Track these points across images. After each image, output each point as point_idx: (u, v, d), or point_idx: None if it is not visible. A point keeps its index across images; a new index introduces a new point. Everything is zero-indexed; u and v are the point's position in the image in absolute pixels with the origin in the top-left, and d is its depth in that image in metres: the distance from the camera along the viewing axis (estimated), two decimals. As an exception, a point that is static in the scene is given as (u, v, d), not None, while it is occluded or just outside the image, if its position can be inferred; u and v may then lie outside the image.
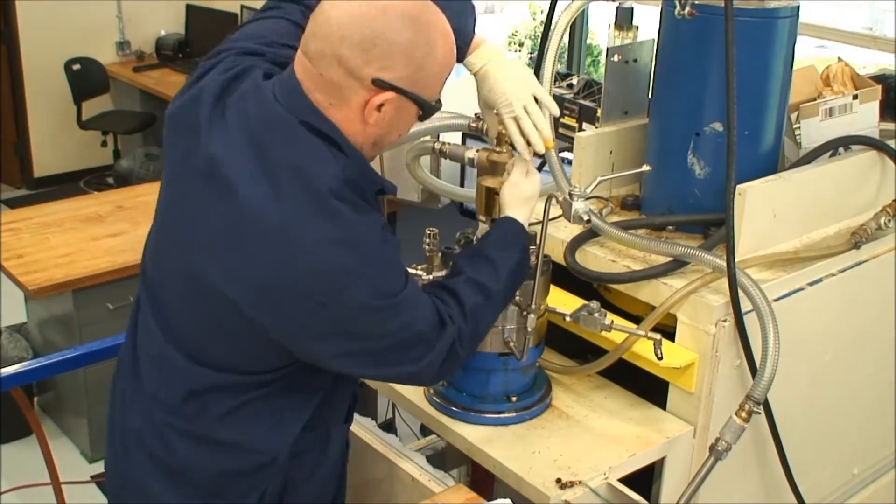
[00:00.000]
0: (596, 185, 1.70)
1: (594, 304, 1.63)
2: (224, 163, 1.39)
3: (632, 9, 2.04)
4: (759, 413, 1.60)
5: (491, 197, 1.59)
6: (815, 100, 2.01)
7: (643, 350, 1.63)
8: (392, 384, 1.78)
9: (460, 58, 1.58)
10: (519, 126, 1.58)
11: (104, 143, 6.04)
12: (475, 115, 1.66)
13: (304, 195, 1.36)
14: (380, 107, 1.41)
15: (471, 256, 1.55)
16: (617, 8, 2.02)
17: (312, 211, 1.35)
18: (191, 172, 1.43)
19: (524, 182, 1.59)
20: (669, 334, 1.66)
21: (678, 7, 1.68)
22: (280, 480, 1.53)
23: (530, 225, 1.59)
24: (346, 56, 1.37)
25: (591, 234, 1.81)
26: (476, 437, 1.64)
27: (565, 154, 2.12)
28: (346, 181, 1.39)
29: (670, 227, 1.83)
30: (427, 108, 1.47)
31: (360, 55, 1.37)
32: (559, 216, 1.72)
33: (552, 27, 1.79)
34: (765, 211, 1.74)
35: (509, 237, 1.55)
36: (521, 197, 1.59)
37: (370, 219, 1.40)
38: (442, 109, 1.53)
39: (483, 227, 1.64)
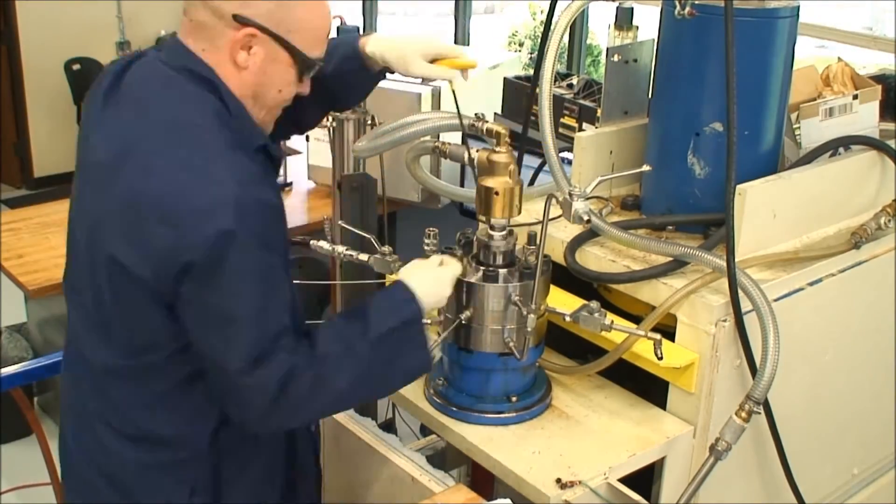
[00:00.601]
0: (596, 185, 1.70)
1: (594, 304, 1.63)
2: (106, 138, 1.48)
3: (632, 9, 2.05)
4: (759, 413, 1.60)
5: (490, 197, 1.59)
6: (815, 100, 2.01)
7: (643, 350, 1.63)
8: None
9: (361, 62, 1.67)
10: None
11: (104, 143, 6.04)
12: (475, 115, 1.67)
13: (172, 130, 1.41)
14: (248, 48, 1.43)
15: (353, 309, 1.55)
16: (617, 8, 2.03)
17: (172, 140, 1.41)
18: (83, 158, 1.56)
19: (434, 266, 1.59)
20: (669, 334, 1.66)
21: (678, 7, 1.67)
22: (208, 476, 1.53)
23: (530, 225, 1.59)
24: None
25: (591, 234, 1.81)
26: (476, 437, 1.64)
27: (565, 154, 2.12)
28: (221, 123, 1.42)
29: (670, 227, 1.83)
30: (299, 57, 1.46)
31: None
32: (559, 216, 1.72)
33: (552, 27, 1.79)
34: (765, 211, 1.74)
35: (392, 304, 1.52)
36: (425, 269, 1.59)
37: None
38: (441, 109, 1.54)
39: (483, 228, 1.64)
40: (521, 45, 9.25)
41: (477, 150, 1.63)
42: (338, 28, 2.94)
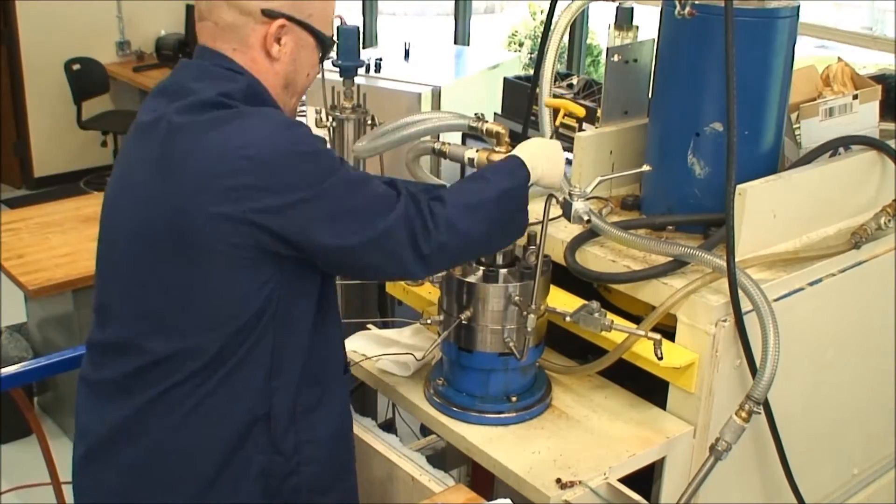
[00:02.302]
0: (596, 185, 1.70)
1: (594, 304, 1.63)
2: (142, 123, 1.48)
3: (632, 9, 2.04)
4: (759, 413, 1.60)
5: None
6: (815, 100, 2.01)
7: (643, 350, 1.63)
8: (392, 386, 1.78)
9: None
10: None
11: (104, 143, 6.04)
12: (475, 114, 1.67)
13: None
14: (279, 39, 1.50)
15: (471, 175, 1.60)
16: (617, 8, 2.02)
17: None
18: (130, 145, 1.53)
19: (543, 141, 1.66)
20: (669, 334, 1.66)
21: (678, 7, 1.68)
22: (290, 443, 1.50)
23: (530, 225, 1.59)
24: None
25: (591, 235, 1.81)
26: (476, 437, 1.64)
27: (565, 154, 2.12)
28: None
29: (670, 227, 1.83)
30: (323, 40, 1.55)
31: None
32: (559, 216, 1.72)
33: (552, 27, 1.79)
34: (765, 211, 1.74)
35: (504, 166, 1.58)
36: (535, 143, 1.63)
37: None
38: (441, 110, 1.55)
39: None
40: (520, 45, 9.26)
41: (477, 150, 1.63)
42: (338, 28, 2.94)
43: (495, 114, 3.31)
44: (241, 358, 1.44)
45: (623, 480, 1.56)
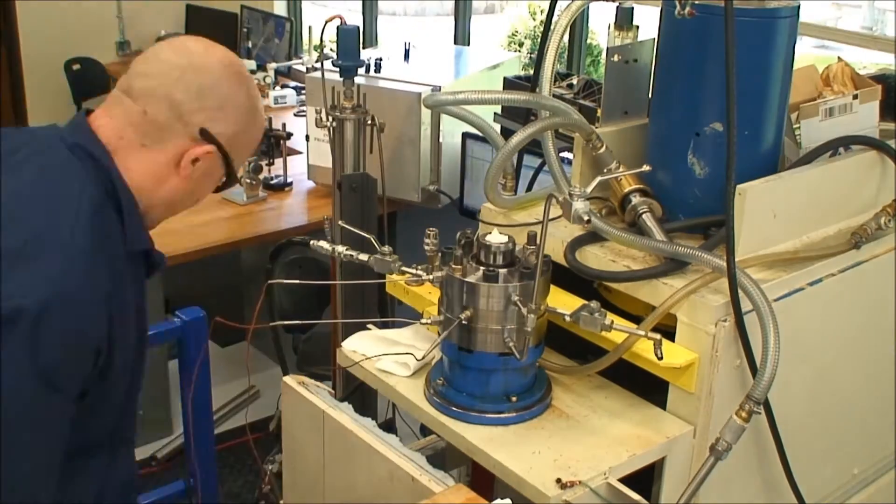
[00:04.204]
0: (596, 185, 1.70)
1: (594, 304, 1.63)
2: None
3: (632, 9, 2.04)
4: (759, 413, 1.60)
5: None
6: (815, 100, 2.01)
7: (643, 350, 1.63)
8: (392, 386, 1.78)
9: None
10: None
11: (104, 143, 6.04)
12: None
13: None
14: (195, 161, 1.43)
15: None
16: (617, 8, 2.02)
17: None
18: None
19: None
20: (669, 334, 1.66)
21: (678, 7, 1.67)
22: None
23: (530, 225, 1.59)
24: (179, 99, 1.40)
25: (592, 237, 1.81)
26: (476, 437, 1.64)
27: (565, 154, 2.12)
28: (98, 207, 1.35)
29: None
30: (231, 179, 1.50)
31: (195, 101, 1.40)
32: (559, 216, 1.72)
33: (552, 27, 1.79)
34: (765, 211, 1.74)
35: None
36: None
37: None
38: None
39: (483, 228, 1.64)
40: (520, 45, 9.26)
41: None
42: (337, 28, 2.94)
43: (495, 114, 3.31)
44: None
45: (623, 480, 1.56)
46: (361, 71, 3.18)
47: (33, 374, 1.27)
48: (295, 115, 5.12)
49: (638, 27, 2.02)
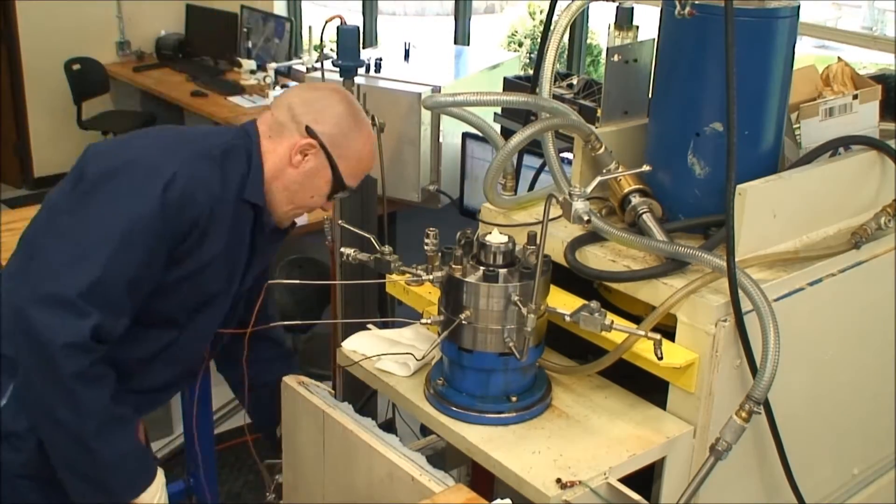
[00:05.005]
0: (596, 185, 1.70)
1: (594, 304, 1.63)
2: None
3: (632, 9, 2.04)
4: (759, 413, 1.60)
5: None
6: (815, 100, 2.01)
7: (643, 350, 1.63)
8: (392, 386, 1.78)
9: None
10: None
11: (104, 143, 6.04)
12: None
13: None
14: (304, 153, 1.88)
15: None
16: (617, 8, 2.02)
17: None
18: None
19: None
20: (669, 334, 1.66)
21: (678, 7, 1.67)
22: None
23: (530, 225, 1.59)
24: (294, 104, 1.91)
25: (592, 237, 1.81)
26: (476, 437, 1.64)
27: (565, 154, 2.12)
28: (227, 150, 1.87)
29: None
30: (339, 180, 1.91)
31: (303, 106, 1.90)
32: (559, 216, 1.72)
33: (552, 27, 1.79)
34: (765, 211, 1.74)
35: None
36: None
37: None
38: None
39: (483, 228, 1.64)
40: (520, 45, 9.26)
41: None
42: (337, 28, 2.94)
43: (495, 114, 3.31)
44: None
45: (623, 480, 1.56)
46: (361, 71, 3.18)
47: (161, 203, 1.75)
48: (295, 115, 5.12)
49: (638, 27, 2.02)
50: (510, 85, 3.41)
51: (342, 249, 1.77)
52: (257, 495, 3.50)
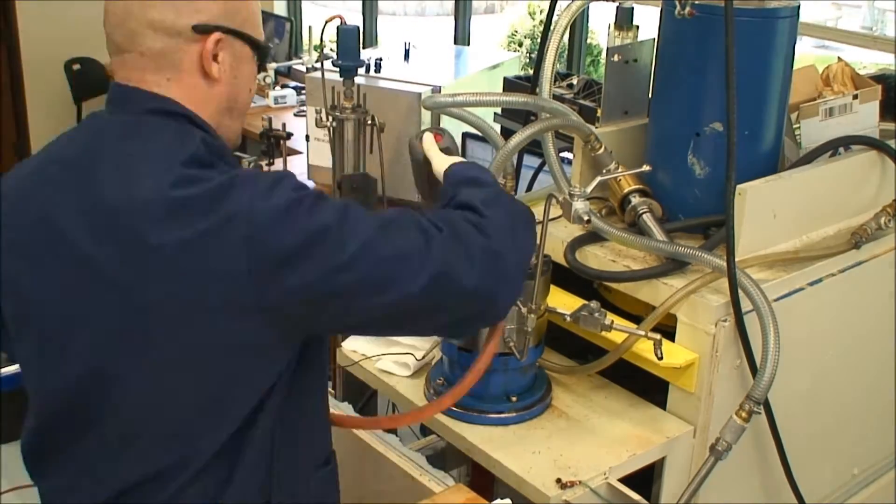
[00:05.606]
0: (596, 185, 1.70)
1: (594, 304, 1.63)
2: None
3: (632, 9, 2.04)
4: (759, 413, 1.60)
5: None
6: (815, 100, 2.01)
7: (643, 350, 1.63)
8: (392, 386, 1.78)
9: None
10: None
11: (104, 143, 6.04)
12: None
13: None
14: (216, 56, 1.35)
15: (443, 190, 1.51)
16: (617, 8, 2.02)
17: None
18: None
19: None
20: (669, 334, 1.66)
21: (678, 7, 1.68)
22: None
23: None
24: (156, 19, 1.33)
25: (592, 237, 1.81)
26: (476, 437, 1.64)
27: (565, 154, 2.12)
28: (206, 151, 1.31)
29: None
30: (260, 47, 1.42)
31: (169, 10, 1.33)
32: (559, 216, 1.72)
33: (552, 27, 1.79)
34: (765, 211, 1.74)
35: (470, 172, 1.50)
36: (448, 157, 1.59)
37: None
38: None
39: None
40: (520, 45, 9.26)
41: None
42: (337, 28, 2.94)
43: (495, 114, 3.31)
44: None
45: (623, 480, 1.56)
46: (361, 71, 3.18)
47: None
48: (295, 115, 5.12)
49: (638, 27, 2.02)
50: (510, 85, 3.40)
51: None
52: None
